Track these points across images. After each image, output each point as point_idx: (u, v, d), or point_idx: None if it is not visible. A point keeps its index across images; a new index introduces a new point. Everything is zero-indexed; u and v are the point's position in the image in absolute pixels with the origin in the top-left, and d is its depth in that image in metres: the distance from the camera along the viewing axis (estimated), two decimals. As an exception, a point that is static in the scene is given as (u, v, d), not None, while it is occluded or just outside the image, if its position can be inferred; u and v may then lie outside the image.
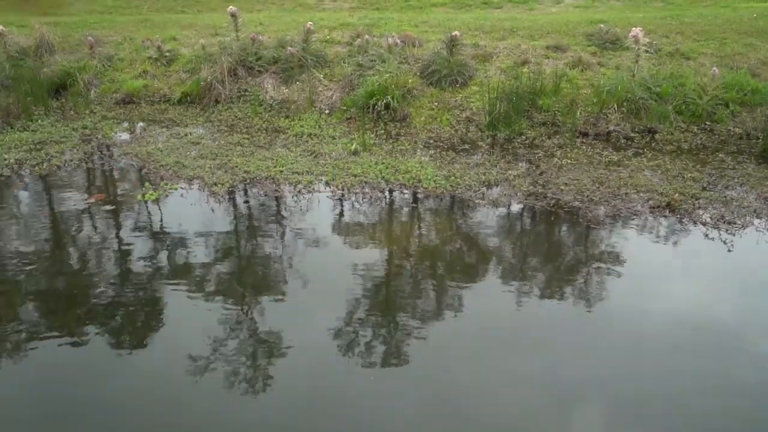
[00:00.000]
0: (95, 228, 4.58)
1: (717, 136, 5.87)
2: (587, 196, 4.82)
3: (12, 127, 6.30)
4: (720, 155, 5.57)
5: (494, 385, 3.04)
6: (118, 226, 4.59)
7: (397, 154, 5.63)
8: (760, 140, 5.66)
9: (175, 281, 3.88)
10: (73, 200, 4.97)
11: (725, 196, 4.79)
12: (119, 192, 5.21)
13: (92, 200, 4.95)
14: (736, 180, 5.08)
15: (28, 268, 4.03)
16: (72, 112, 6.78)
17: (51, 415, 2.85)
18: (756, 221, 4.45)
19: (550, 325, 3.49)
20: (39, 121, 6.47)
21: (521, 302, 3.68)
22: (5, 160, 5.55)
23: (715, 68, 6.07)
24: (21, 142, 5.91)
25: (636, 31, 6.08)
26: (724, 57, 6.87)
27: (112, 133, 6.28)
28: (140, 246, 4.27)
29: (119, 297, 3.71)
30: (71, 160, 5.65)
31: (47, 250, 4.27)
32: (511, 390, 3.01)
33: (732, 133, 5.88)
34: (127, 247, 4.26)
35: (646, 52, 6.35)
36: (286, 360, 3.20)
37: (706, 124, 5.98)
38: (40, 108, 6.68)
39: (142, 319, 3.53)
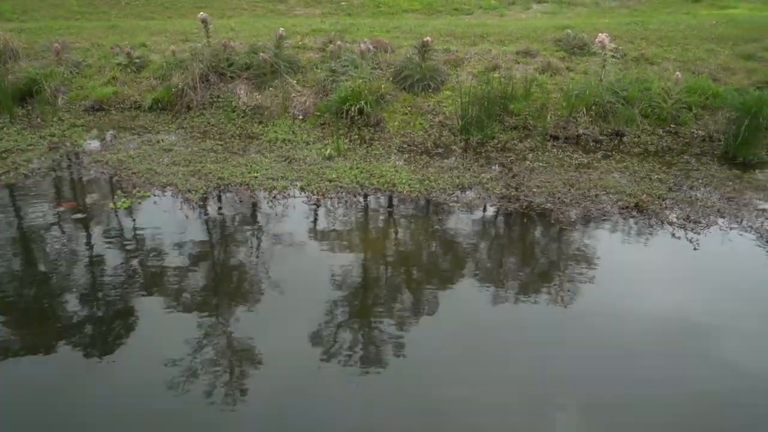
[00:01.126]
0: (66, 237, 4.49)
1: (681, 139, 6.06)
2: (559, 198, 4.93)
3: (-24, 136, 6.14)
4: (685, 157, 5.75)
5: (469, 386, 3.08)
6: (90, 235, 4.51)
7: (372, 159, 5.66)
8: (722, 142, 5.86)
9: (150, 290, 3.82)
10: (42, 209, 4.86)
11: (690, 197, 4.95)
12: (90, 200, 5.11)
13: (62, 209, 4.84)
14: (700, 181, 5.25)
15: (-5, 279, 3.93)
16: (39, 120, 6.63)
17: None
18: (720, 220, 4.61)
19: (524, 325, 3.55)
20: (4, 129, 6.31)
21: (496, 304, 3.74)
22: (-31, 169, 5.41)
23: (678, 73, 6.27)
24: (-14, 151, 5.77)
25: (602, 36, 6.24)
26: (687, 62, 7.10)
27: (82, 141, 6.16)
28: (114, 255, 4.20)
29: (91, 308, 3.64)
30: (39, 169, 5.52)
31: (16, 261, 4.17)
32: (484, 389, 3.06)
33: (695, 136, 6.08)
34: (100, 257, 4.18)
35: (613, 57, 6.52)
36: (265, 365, 3.18)
37: (671, 126, 6.17)
38: (4, 116, 6.52)
39: (116, 329, 3.47)
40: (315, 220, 4.72)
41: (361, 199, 5.00)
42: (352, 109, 6.28)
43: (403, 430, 2.82)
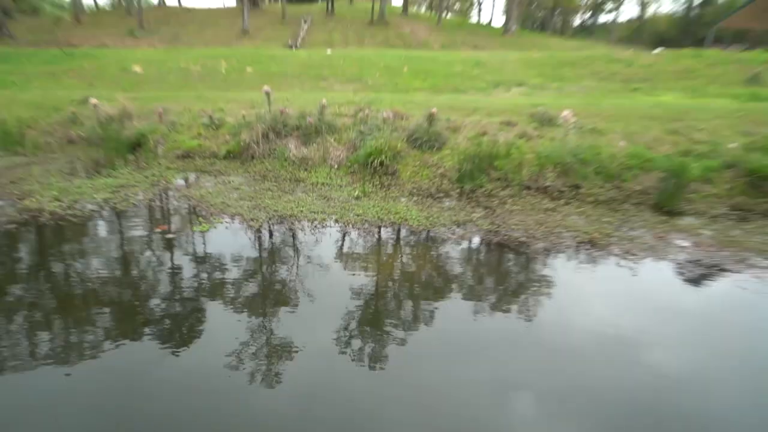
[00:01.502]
0: (159, 251, 4.69)
1: (623, 192, 6.16)
2: (531, 234, 5.04)
3: (100, 174, 6.45)
4: (626, 205, 5.84)
5: (454, 382, 3.16)
6: (179, 250, 4.70)
7: (389, 200, 5.83)
8: (654, 195, 5.95)
9: (223, 292, 3.98)
10: (143, 229, 5.08)
11: (630, 236, 5.03)
12: (179, 224, 5.33)
13: (158, 230, 5.07)
14: (637, 224, 5.34)
15: (103, 281, 4.11)
16: (144, 164, 6.95)
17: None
18: (652, 254, 4.68)
19: (500, 334, 3.62)
20: (119, 170, 6.63)
21: (478, 316, 3.80)
22: (95, 198, 5.68)
23: (622, 142, 6.41)
24: (106, 186, 6.06)
25: (566, 113, 6.44)
26: (629, 134, 7.23)
27: (174, 180, 6.44)
28: (196, 266, 4.38)
29: (171, 306, 3.81)
30: (143, 200, 5.78)
31: (120, 267, 4.36)
32: (465, 386, 3.11)
33: (634, 190, 6.18)
34: (184, 268, 4.36)
35: (573, 128, 6.70)
36: (300, 354, 3.30)
37: (615, 182, 6.27)
38: (120, 160, 6.85)
39: (188, 324, 3.62)
40: (346, 244, 4.88)
41: (381, 229, 5.16)
42: (375, 161, 6.50)
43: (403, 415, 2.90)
